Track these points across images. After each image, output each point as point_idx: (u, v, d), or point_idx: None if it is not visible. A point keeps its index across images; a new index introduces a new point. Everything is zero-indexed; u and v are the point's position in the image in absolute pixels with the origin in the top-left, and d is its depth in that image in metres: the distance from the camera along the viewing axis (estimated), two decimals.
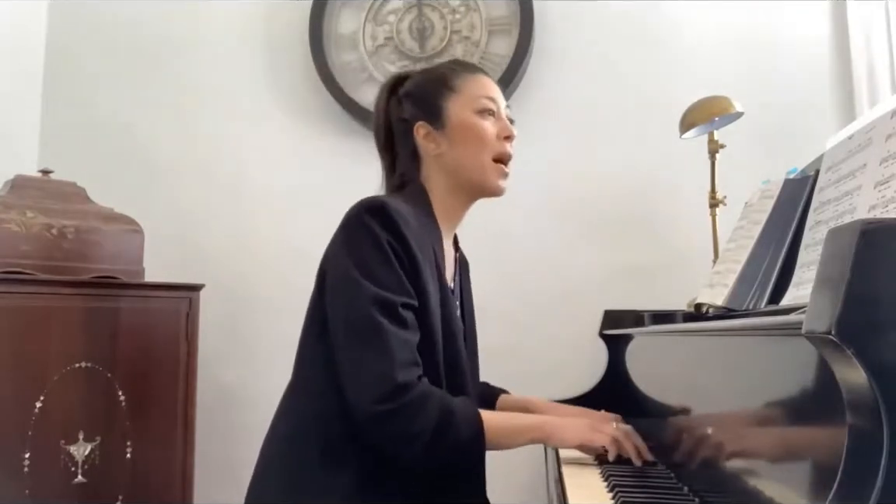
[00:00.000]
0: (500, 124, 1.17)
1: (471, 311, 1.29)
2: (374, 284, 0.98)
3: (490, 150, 1.15)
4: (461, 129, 1.15)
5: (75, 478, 1.67)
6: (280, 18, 2.30)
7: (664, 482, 0.99)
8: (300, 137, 2.25)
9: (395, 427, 0.95)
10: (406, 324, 0.99)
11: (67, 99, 2.40)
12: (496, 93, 1.19)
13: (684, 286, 1.56)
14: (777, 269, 1.04)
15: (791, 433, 0.62)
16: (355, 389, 0.97)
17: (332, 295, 1.03)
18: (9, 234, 1.70)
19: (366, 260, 0.99)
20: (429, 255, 1.06)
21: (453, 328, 1.09)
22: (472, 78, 1.19)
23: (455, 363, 1.08)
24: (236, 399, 2.16)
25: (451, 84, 1.17)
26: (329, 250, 1.08)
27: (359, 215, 1.03)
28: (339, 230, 1.06)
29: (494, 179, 1.16)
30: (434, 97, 1.17)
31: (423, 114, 1.17)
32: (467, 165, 1.15)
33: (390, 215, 1.01)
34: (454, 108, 1.16)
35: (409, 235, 1.02)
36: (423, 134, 1.16)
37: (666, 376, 1.21)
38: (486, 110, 1.16)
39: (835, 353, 0.45)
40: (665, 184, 1.99)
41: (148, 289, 1.90)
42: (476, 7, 2.16)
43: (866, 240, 0.43)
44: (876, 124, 0.82)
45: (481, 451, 0.99)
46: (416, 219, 1.06)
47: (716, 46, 2.01)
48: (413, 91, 1.20)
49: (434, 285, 1.05)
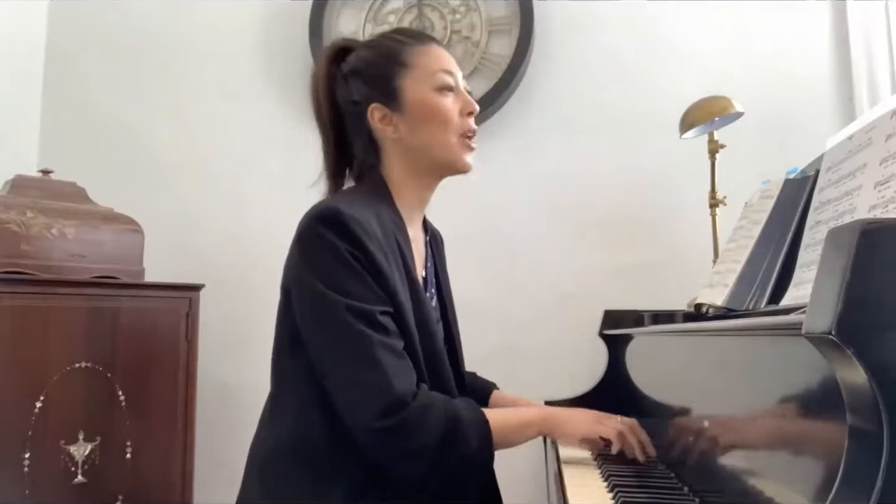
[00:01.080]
0: (462, 99, 1.09)
1: (448, 289, 1.22)
2: (345, 297, 0.92)
3: (454, 129, 1.07)
4: (421, 110, 1.06)
5: (75, 478, 1.67)
6: (280, 18, 2.30)
7: (664, 482, 0.99)
8: (300, 137, 2.24)
9: (401, 441, 0.89)
10: (388, 331, 0.94)
11: (67, 99, 2.40)
12: (452, 65, 1.10)
13: (684, 286, 1.56)
14: (777, 269, 1.04)
15: (791, 433, 0.62)
16: (352, 409, 0.92)
17: (305, 316, 0.97)
18: (9, 234, 1.70)
19: (331, 274, 0.93)
20: (393, 253, 1.00)
21: (430, 327, 1.03)
22: (426, 50, 1.09)
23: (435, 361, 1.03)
24: (236, 399, 2.16)
25: (403, 59, 1.07)
26: (288, 266, 1.01)
27: (313, 227, 0.96)
28: (295, 245, 0.99)
29: (462, 156, 1.08)
30: (387, 75, 1.07)
31: (376, 94, 1.07)
32: (431, 147, 1.07)
33: (345, 223, 0.94)
34: (410, 87, 1.06)
35: (367, 242, 0.95)
36: (379, 117, 1.07)
37: (666, 376, 1.21)
38: (445, 86, 1.07)
39: (835, 353, 0.45)
40: (665, 184, 1.99)
41: (148, 289, 1.90)
42: (476, 7, 2.16)
43: (866, 240, 0.43)
44: (876, 124, 0.82)
45: (491, 454, 0.95)
46: (375, 216, 1.00)
47: (716, 46, 2.01)
48: (362, 68, 1.09)
49: (403, 286, 1.00)
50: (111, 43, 2.40)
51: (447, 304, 1.19)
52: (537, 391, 1.73)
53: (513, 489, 1.27)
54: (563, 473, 1.09)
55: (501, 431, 0.96)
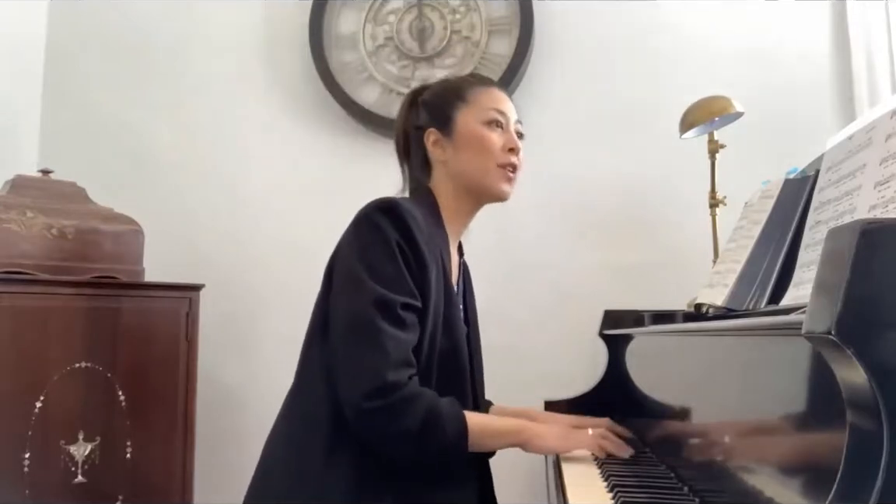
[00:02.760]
0: (507, 136, 1.19)
1: (474, 316, 1.31)
2: (376, 283, 1.00)
3: (493, 159, 1.17)
4: (467, 138, 1.18)
5: (75, 478, 1.67)
6: (280, 18, 2.30)
7: (664, 482, 0.99)
8: (300, 137, 2.25)
9: (383, 423, 0.97)
10: (404, 324, 1.00)
11: (67, 99, 2.40)
12: (507, 107, 1.21)
13: (684, 286, 1.56)
14: (777, 269, 1.04)
15: (791, 433, 0.62)
16: (346, 384, 0.99)
17: (336, 291, 1.06)
18: (9, 234, 1.70)
19: (372, 258, 1.02)
20: (436, 257, 1.09)
21: (457, 332, 1.11)
22: (485, 91, 1.22)
23: (457, 365, 1.10)
24: (236, 399, 2.16)
25: (464, 95, 1.21)
26: (338, 247, 1.10)
27: (370, 214, 1.05)
28: (350, 228, 1.08)
29: (498, 183, 1.18)
30: (447, 107, 1.21)
31: (434, 122, 1.21)
32: (472, 172, 1.18)
33: (402, 215, 1.04)
34: (463, 118, 1.19)
35: (418, 237, 1.04)
36: (433, 140, 1.20)
37: (666, 376, 1.21)
38: (493, 122, 1.18)
39: (835, 353, 0.45)
40: (665, 184, 1.99)
41: (148, 289, 1.90)
42: (476, 7, 2.16)
43: (866, 240, 0.43)
44: (876, 124, 0.82)
45: (465, 450, 1.01)
46: (425, 222, 1.09)
47: (716, 46, 2.01)
48: (429, 100, 1.24)
49: (439, 288, 1.08)
50: (111, 43, 2.40)
51: (472, 328, 1.26)
52: (537, 391, 1.73)
53: (513, 489, 1.27)
54: (563, 473, 1.10)
55: (478, 433, 1.03)
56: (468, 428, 1.01)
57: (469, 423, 1.01)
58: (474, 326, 1.29)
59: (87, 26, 2.42)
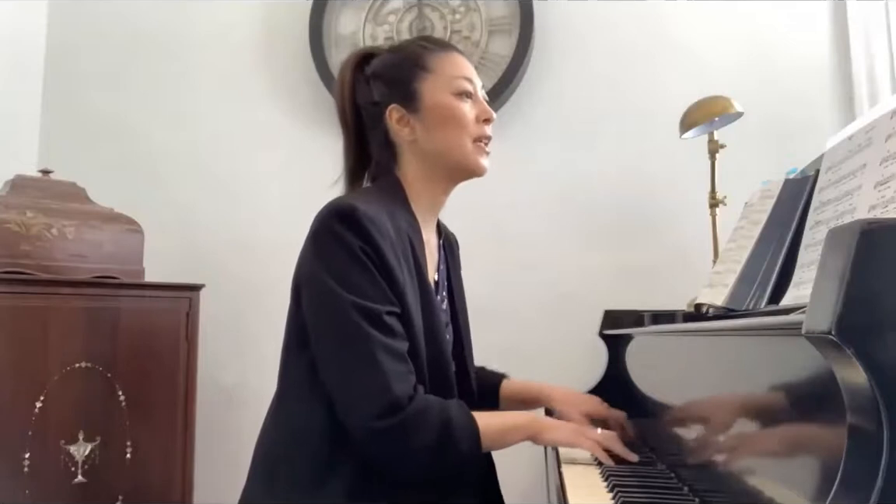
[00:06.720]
0: (479, 106, 1.11)
1: (461, 294, 1.24)
2: (354, 295, 0.93)
3: (469, 134, 1.09)
4: (438, 113, 1.08)
5: (75, 478, 1.67)
6: (280, 18, 2.30)
7: (664, 482, 0.99)
8: (300, 137, 2.25)
9: (400, 441, 0.92)
10: (394, 332, 0.95)
11: (67, 99, 2.40)
12: (472, 72, 1.12)
13: (684, 286, 1.56)
14: (777, 269, 1.04)
15: (791, 433, 0.62)
16: (350, 406, 0.94)
17: (312, 310, 0.99)
18: (9, 234, 1.70)
19: (342, 270, 0.95)
20: (405, 254, 1.02)
21: (437, 330, 1.05)
22: (447, 56, 1.11)
23: (439, 364, 1.05)
24: (236, 399, 2.16)
25: (424, 63, 1.09)
26: (301, 262, 1.02)
27: (328, 223, 0.97)
28: (309, 240, 1.00)
29: (476, 159, 1.10)
30: (408, 78, 1.09)
31: (395, 96, 1.09)
32: (446, 150, 1.09)
33: (360, 221, 0.95)
34: (430, 90, 1.08)
35: (381, 241, 0.96)
36: (397, 118, 1.09)
37: (666, 376, 1.21)
38: (463, 92, 1.09)
39: (835, 353, 0.45)
40: (665, 184, 1.99)
41: (148, 289, 1.90)
42: (476, 7, 2.16)
43: (866, 240, 0.43)
44: (876, 124, 0.82)
45: (479, 458, 0.98)
46: (390, 217, 1.01)
47: (716, 46, 2.01)
48: (384, 71, 1.11)
49: (413, 287, 1.01)
50: (111, 43, 2.40)
51: (458, 307, 1.21)
52: None
53: (513, 489, 1.27)
54: (563, 473, 1.09)
55: (491, 436, 0.99)
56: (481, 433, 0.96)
57: (480, 425, 0.97)
58: (461, 305, 1.22)
59: (87, 26, 2.42)
